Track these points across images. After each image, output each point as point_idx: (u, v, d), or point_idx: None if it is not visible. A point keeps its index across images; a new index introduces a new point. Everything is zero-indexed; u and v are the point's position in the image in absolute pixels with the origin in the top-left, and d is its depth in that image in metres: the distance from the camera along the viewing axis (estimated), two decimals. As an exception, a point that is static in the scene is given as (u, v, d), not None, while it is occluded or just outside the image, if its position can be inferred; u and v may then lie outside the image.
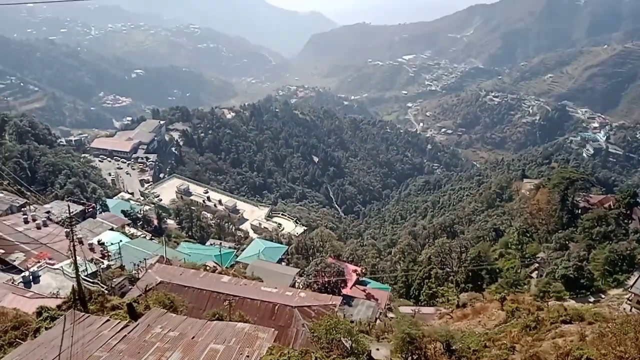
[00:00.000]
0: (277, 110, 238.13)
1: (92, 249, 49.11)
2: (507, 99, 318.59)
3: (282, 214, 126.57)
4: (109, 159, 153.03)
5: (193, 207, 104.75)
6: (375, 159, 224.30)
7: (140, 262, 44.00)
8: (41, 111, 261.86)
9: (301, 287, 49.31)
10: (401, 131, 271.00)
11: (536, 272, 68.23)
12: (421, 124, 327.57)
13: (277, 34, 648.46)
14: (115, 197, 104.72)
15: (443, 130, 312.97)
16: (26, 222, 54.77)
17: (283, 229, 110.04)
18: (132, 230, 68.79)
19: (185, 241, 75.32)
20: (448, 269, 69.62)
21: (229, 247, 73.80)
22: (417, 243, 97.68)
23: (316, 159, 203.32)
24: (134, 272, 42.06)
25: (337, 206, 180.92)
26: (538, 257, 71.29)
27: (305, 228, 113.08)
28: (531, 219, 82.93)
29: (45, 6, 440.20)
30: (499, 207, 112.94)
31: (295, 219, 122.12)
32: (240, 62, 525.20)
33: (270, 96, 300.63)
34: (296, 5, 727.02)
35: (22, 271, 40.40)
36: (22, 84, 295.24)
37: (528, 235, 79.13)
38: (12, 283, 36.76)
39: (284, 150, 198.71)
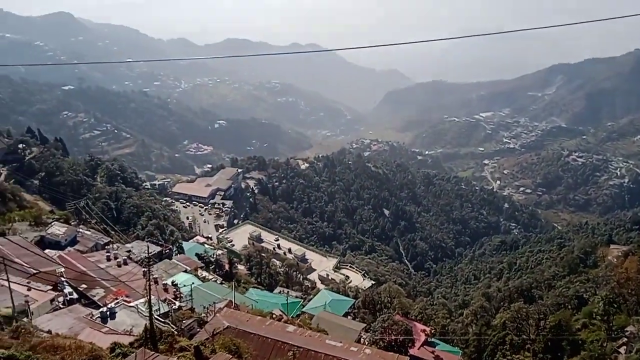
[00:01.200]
0: (350, 162, 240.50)
1: (166, 290, 50.68)
2: (592, 159, 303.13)
3: (350, 266, 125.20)
4: (188, 203, 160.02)
5: (263, 254, 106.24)
6: (449, 215, 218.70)
7: (210, 305, 44.77)
8: (131, 156, 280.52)
9: (367, 343, 47.84)
10: (477, 188, 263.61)
11: (624, 347, 62.07)
12: (498, 182, 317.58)
13: (353, 89, 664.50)
14: (191, 240, 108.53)
15: (521, 189, 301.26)
16: (108, 259, 57.78)
17: (350, 282, 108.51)
18: (204, 274, 70.51)
19: (254, 287, 76.05)
20: (524, 337, 65.03)
21: (296, 297, 73.58)
22: (491, 306, 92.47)
23: (387, 212, 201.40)
24: (203, 315, 42.82)
25: (407, 262, 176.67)
26: (627, 331, 64.99)
27: (374, 282, 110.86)
28: (619, 289, 76.22)
29: (142, 62, 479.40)
30: (583, 274, 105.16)
31: (363, 272, 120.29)
32: (316, 116, 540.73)
33: (344, 149, 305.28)
34: (373, 62, 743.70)
35: (101, 307, 42.28)
36: (116, 131, 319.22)
37: (615, 305, 72.57)
38: (91, 317, 38.51)
39: (355, 202, 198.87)
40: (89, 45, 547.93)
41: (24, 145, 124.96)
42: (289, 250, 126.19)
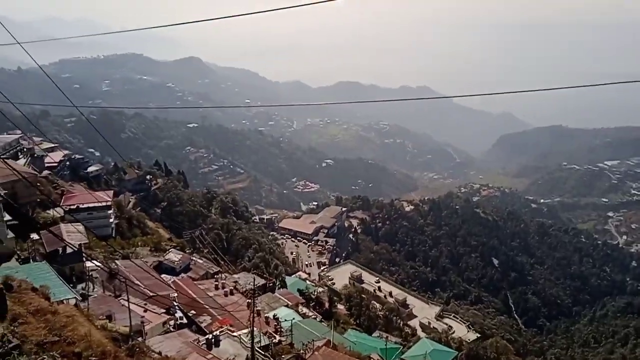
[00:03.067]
0: (457, 207, 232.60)
1: (267, 322, 51.79)
2: None
3: (454, 316, 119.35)
4: (292, 238, 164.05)
5: (364, 295, 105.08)
6: (566, 270, 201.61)
7: (309, 342, 44.89)
8: (243, 190, 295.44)
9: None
10: (599, 242, 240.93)
11: None
12: (625, 237, 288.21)
13: (464, 132, 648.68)
14: (294, 275, 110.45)
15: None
16: (217, 288, 60.58)
17: (454, 332, 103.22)
18: (305, 310, 71.13)
19: (353, 328, 75.10)
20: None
21: (395, 342, 71.37)
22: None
23: (496, 262, 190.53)
24: (302, 351, 42.99)
25: (516, 316, 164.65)
26: None
27: (479, 335, 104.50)
28: None
29: (260, 102, 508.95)
30: None
31: (468, 324, 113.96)
32: (424, 158, 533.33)
33: (451, 192, 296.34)
34: (486, 105, 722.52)
35: (207, 333, 44.16)
36: (231, 166, 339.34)
37: None
38: (197, 343, 40.32)
39: (462, 249, 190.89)
40: (214, 86, 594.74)
41: (151, 177, 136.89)
42: (390, 294, 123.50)
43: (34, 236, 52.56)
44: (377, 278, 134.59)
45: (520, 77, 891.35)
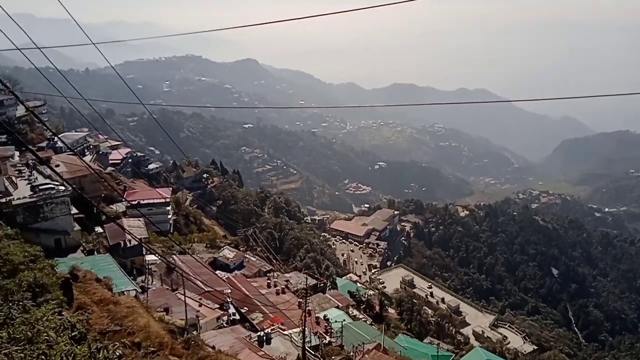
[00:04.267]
0: (514, 213, 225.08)
1: (317, 323, 51.92)
2: None
3: (509, 326, 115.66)
4: (344, 240, 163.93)
5: (415, 300, 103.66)
6: (632, 283, 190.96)
7: (359, 344, 44.64)
8: (295, 191, 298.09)
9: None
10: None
11: None
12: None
13: (523, 137, 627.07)
14: (344, 277, 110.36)
15: None
16: (269, 286, 61.34)
17: (509, 343, 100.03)
18: (355, 312, 70.85)
19: (404, 333, 74.10)
20: None
21: (447, 350, 69.91)
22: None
23: (555, 272, 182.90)
24: (351, 353, 42.83)
25: (576, 329, 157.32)
26: None
27: (536, 347, 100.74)
28: None
29: (314, 103, 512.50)
30: None
31: (524, 335, 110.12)
32: (480, 162, 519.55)
33: (508, 198, 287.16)
34: (548, 109, 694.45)
35: (258, 330, 44.77)
36: (285, 167, 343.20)
37: None
38: (249, 339, 40.93)
39: (518, 257, 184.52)
40: (269, 88, 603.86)
41: (207, 175, 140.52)
42: (442, 300, 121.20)
43: (99, 229, 55.10)
44: (430, 283, 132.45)
45: (585, 78, 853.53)
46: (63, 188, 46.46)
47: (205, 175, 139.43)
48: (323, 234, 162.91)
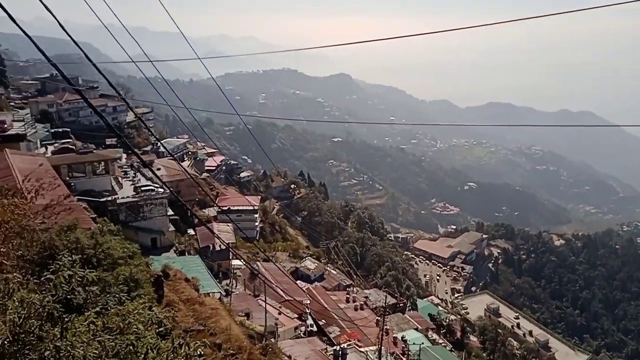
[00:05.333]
0: (617, 246, 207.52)
1: (395, 343, 50.97)
2: None
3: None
4: (427, 261, 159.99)
5: (500, 330, 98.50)
6: None
7: (437, 370, 43.25)
8: (380, 207, 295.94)
9: None
10: None
11: None
12: None
13: (631, 164, 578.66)
14: (425, 299, 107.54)
15: None
16: (347, 301, 61.24)
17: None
18: (435, 336, 68.73)
19: (485, 364, 70.74)
20: None
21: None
22: None
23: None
24: (428, 378, 41.56)
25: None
26: None
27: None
28: None
29: (405, 119, 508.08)
30: None
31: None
32: (580, 189, 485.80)
33: (610, 229, 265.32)
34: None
35: (335, 344, 44.76)
36: (371, 182, 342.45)
37: None
38: (325, 352, 41.04)
39: (619, 294, 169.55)
40: (360, 103, 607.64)
41: (294, 186, 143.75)
42: (530, 333, 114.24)
43: (191, 232, 58.10)
44: (517, 314, 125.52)
45: None
46: (162, 190, 49.68)
47: (292, 186, 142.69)
48: (406, 252, 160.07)
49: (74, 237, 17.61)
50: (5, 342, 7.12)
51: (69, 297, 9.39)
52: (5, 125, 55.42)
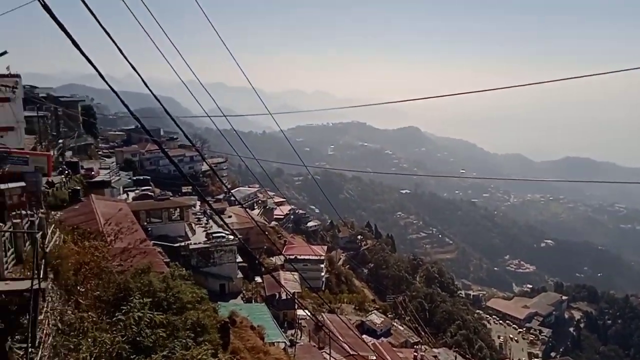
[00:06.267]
0: None
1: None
2: None
3: None
4: (500, 321, 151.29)
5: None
6: None
7: None
8: (450, 262, 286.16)
9: None
10: None
11: None
12: None
13: None
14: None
15: None
16: (415, 359, 58.67)
17: None
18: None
19: None
20: None
21: None
22: None
23: None
24: None
25: None
26: None
27: None
28: None
29: (475, 173, 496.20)
30: None
31: None
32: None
33: None
34: None
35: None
36: (440, 236, 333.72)
37: None
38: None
39: None
40: (430, 155, 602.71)
41: (361, 237, 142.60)
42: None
43: (258, 279, 58.66)
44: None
45: None
46: (232, 237, 50.88)
47: (359, 237, 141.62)
48: (477, 311, 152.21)
49: (147, 280, 18.24)
50: (77, 380, 7.35)
51: (137, 338, 9.64)
52: (93, 173, 59.66)
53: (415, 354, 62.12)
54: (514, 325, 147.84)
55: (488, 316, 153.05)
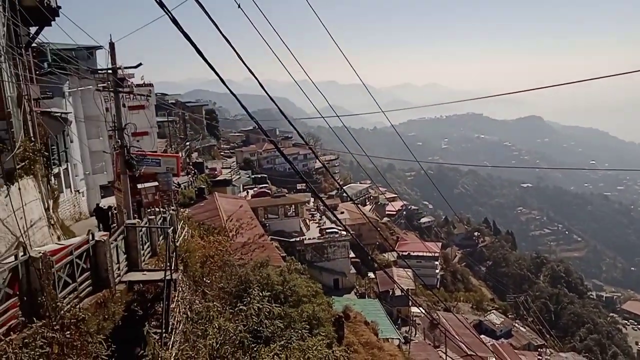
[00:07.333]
0: None
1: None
2: None
3: None
4: (639, 326, 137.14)
5: None
6: None
7: None
8: (578, 261, 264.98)
9: None
10: None
11: None
12: None
13: None
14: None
15: None
16: (538, 363, 55.38)
17: None
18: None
19: None
20: None
21: None
22: None
23: None
24: None
25: None
26: None
27: None
28: None
29: (607, 164, 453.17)
30: None
31: None
32: None
33: None
34: None
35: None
36: (567, 232, 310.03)
37: None
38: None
39: None
40: (554, 146, 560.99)
41: (478, 234, 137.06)
42: None
43: (371, 275, 59.04)
44: None
45: None
46: (344, 233, 51.74)
47: (476, 234, 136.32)
48: (611, 314, 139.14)
49: (265, 274, 19.29)
50: (205, 365, 8.07)
51: (258, 328, 10.29)
52: (216, 172, 63.99)
53: (540, 357, 58.50)
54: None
55: (624, 320, 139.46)
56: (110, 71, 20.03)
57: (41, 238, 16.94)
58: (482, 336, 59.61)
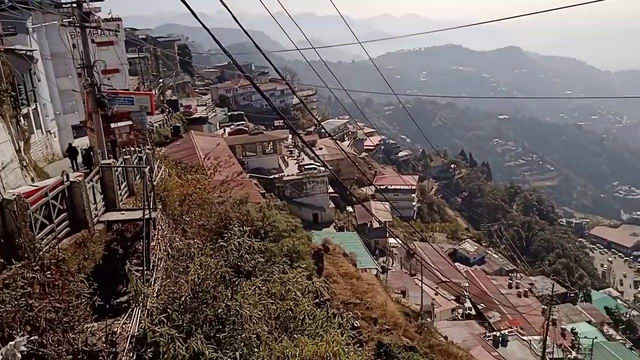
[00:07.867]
0: None
1: (563, 335, 47.37)
2: None
3: None
4: (605, 250, 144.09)
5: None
6: None
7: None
8: (550, 189, 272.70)
9: None
10: None
11: None
12: None
13: None
14: (601, 290, 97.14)
15: None
16: (509, 287, 58.25)
17: None
18: (611, 331, 62.02)
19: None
20: None
21: None
22: None
23: None
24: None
25: None
26: None
27: None
28: None
29: (583, 94, 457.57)
30: None
31: None
32: None
33: None
34: None
35: (494, 330, 43.08)
36: (540, 162, 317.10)
37: None
38: (484, 337, 39.76)
39: None
40: (531, 77, 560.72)
41: (454, 166, 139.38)
42: None
43: (349, 209, 60.11)
44: None
45: None
46: (323, 169, 52.10)
47: (452, 166, 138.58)
48: (579, 239, 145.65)
49: (245, 210, 19.50)
50: (187, 299, 8.33)
51: (239, 263, 10.55)
52: (191, 110, 62.82)
53: (510, 281, 61.45)
54: (619, 254, 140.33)
55: (591, 245, 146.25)
56: (75, 5, 19.06)
57: (14, 180, 16.74)
58: (456, 264, 62.15)
